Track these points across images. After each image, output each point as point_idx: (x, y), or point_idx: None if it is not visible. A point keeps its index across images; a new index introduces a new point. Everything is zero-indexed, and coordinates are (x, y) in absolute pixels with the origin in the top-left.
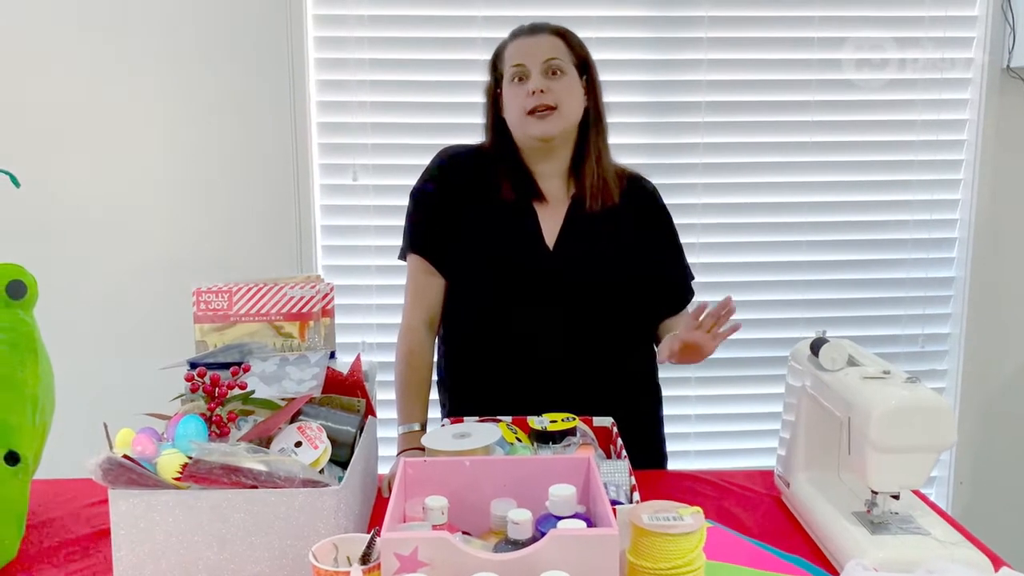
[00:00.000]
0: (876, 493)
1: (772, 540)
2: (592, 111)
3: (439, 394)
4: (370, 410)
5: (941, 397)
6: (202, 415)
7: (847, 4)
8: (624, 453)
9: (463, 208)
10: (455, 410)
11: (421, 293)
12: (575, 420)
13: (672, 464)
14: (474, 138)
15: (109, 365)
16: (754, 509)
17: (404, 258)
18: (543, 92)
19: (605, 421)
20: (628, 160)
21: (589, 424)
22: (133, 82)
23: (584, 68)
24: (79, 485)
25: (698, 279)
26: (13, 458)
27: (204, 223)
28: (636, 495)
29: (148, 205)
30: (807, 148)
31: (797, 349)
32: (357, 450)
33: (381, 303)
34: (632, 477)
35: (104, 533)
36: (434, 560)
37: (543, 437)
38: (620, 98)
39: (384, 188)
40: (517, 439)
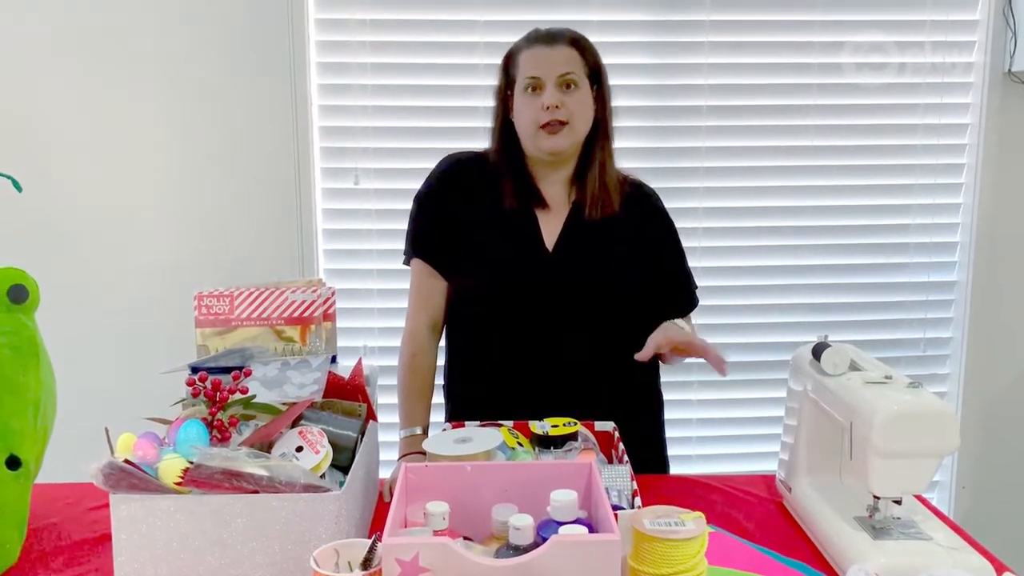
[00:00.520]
0: (878, 498)
1: (774, 545)
2: (600, 120)
3: (444, 399)
4: (371, 415)
5: (943, 402)
6: (203, 420)
7: (849, 8)
8: (626, 458)
9: (465, 213)
10: (457, 414)
11: (424, 298)
12: (577, 425)
13: (674, 469)
14: (475, 142)
15: (111, 370)
16: (756, 514)
17: (408, 263)
18: (557, 107)
19: (607, 426)
20: (630, 164)
21: (591, 429)
22: (134, 88)
23: (596, 77)
24: (80, 489)
25: (700, 283)
26: (14, 462)
27: (206, 227)
28: (638, 500)
29: (150, 210)
30: (809, 152)
31: (799, 353)
32: (358, 455)
33: (382, 307)
34: (634, 482)
35: (105, 538)
36: (435, 565)
37: (545, 442)
38: (622, 102)
39: (385, 192)
40: (519, 444)
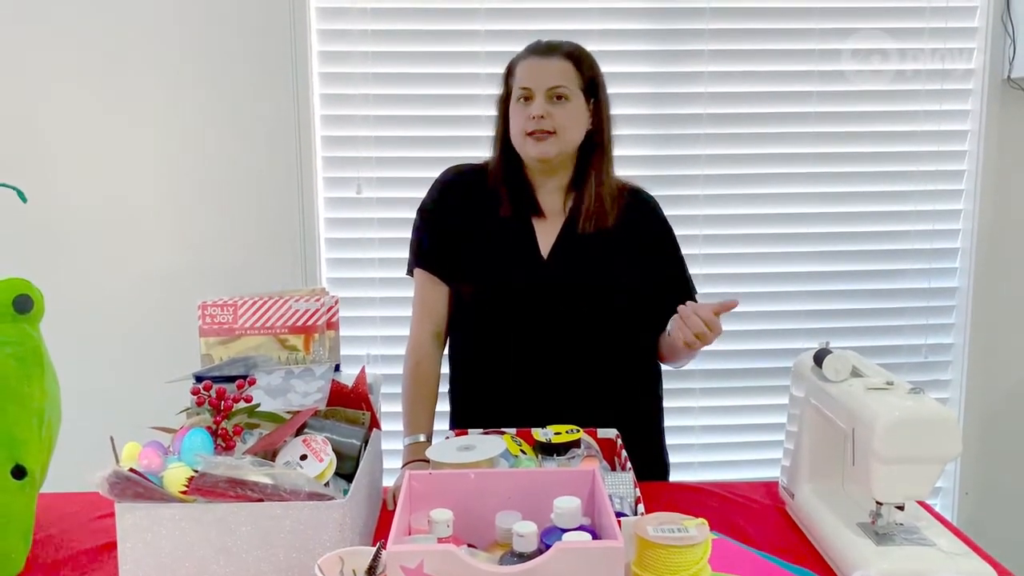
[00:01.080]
0: (880, 504)
1: (777, 551)
2: (596, 133)
3: (450, 406)
4: (375, 423)
5: (945, 408)
6: (208, 428)
7: (848, 16)
8: (629, 465)
9: (466, 223)
10: (460, 422)
11: (428, 307)
12: (580, 432)
13: (676, 475)
14: (478, 151)
15: (115, 379)
16: (759, 520)
17: (411, 273)
18: (543, 118)
19: (610, 433)
20: (630, 172)
21: (594, 436)
22: (138, 99)
23: (592, 90)
24: (86, 499)
25: (701, 290)
26: (20, 472)
27: (210, 237)
28: (641, 507)
29: (153, 219)
30: (809, 159)
31: (800, 360)
32: (362, 463)
33: (385, 315)
34: (637, 489)
35: (110, 546)
36: (440, 573)
37: (548, 449)
38: (622, 111)
39: (388, 201)
40: (522, 451)
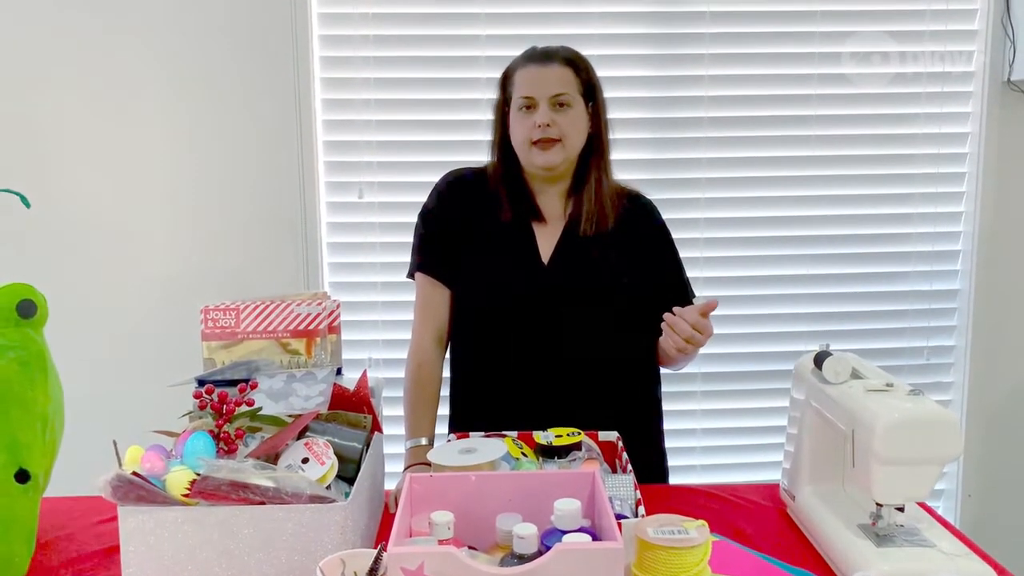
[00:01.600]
0: (881, 505)
1: (777, 553)
2: (595, 136)
3: (450, 409)
4: (376, 426)
5: (944, 409)
6: (210, 432)
7: (848, 19)
8: (629, 467)
9: (467, 227)
10: (461, 425)
11: (430, 311)
12: (580, 435)
13: (676, 478)
14: (478, 155)
15: (118, 383)
16: (759, 522)
17: (412, 277)
18: (548, 126)
19: (611, 435)
20: (631, 176)
21: (594, 439)
22: (140, 104)
23: (590, 93)
24: (89, 502)
25: (703, 293)
26: (23, 476)
27: (211, 242)
28: (641, 509)
29: (155, 224)
30: (809, 162)
31: (801, 362)
32: (364, 466)
33: (387, 319)
34: (637, 491)
35: (114, 550)
36: (440, 575)
37: (548, 452)
38: (623, 114)
39: (390, 205)
40: (523, 454)
